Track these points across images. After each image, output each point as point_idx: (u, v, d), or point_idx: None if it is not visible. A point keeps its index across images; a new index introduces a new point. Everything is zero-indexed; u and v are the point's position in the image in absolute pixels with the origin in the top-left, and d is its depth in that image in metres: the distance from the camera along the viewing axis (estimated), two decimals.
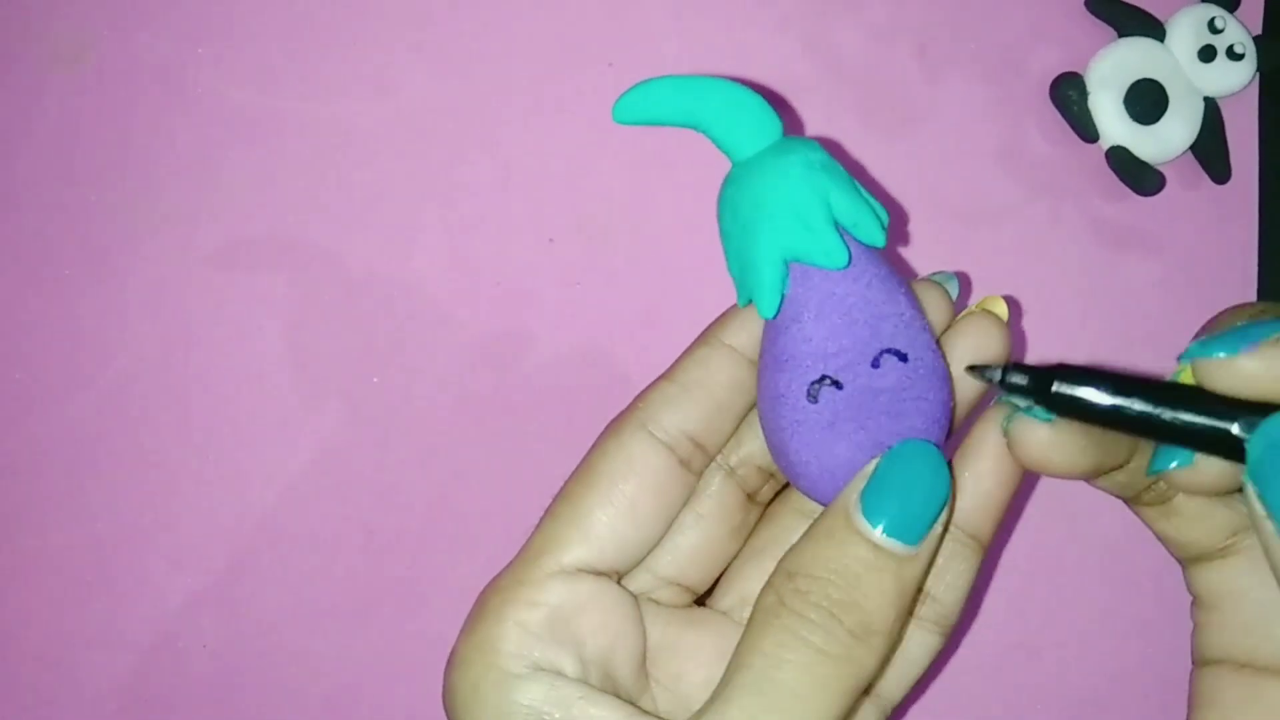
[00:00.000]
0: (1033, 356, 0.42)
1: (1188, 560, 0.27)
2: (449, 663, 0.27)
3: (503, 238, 0.41)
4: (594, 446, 0.28)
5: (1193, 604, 0.28)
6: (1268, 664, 0.26)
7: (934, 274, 0.30)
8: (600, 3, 0.42)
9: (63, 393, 0.39)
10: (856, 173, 0.29)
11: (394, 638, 0.39)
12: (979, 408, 0.29)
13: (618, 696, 0.26)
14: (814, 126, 0.42)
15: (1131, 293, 0.42)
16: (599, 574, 0.27)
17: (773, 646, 0.24)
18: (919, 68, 0.43)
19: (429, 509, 0.40)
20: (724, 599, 0.30)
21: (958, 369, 0.28)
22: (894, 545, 0.25)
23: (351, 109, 0.41)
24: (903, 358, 0.27)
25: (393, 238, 0.40)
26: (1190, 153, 0.43)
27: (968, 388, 0.28)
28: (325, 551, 0.39)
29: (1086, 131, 0.42)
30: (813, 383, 0.26)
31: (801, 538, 0.26)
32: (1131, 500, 0.28)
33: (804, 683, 0.24)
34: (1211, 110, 0.43)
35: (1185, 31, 0.42)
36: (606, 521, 0.27)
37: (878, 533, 0.25)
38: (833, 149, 0.27)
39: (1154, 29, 0.43)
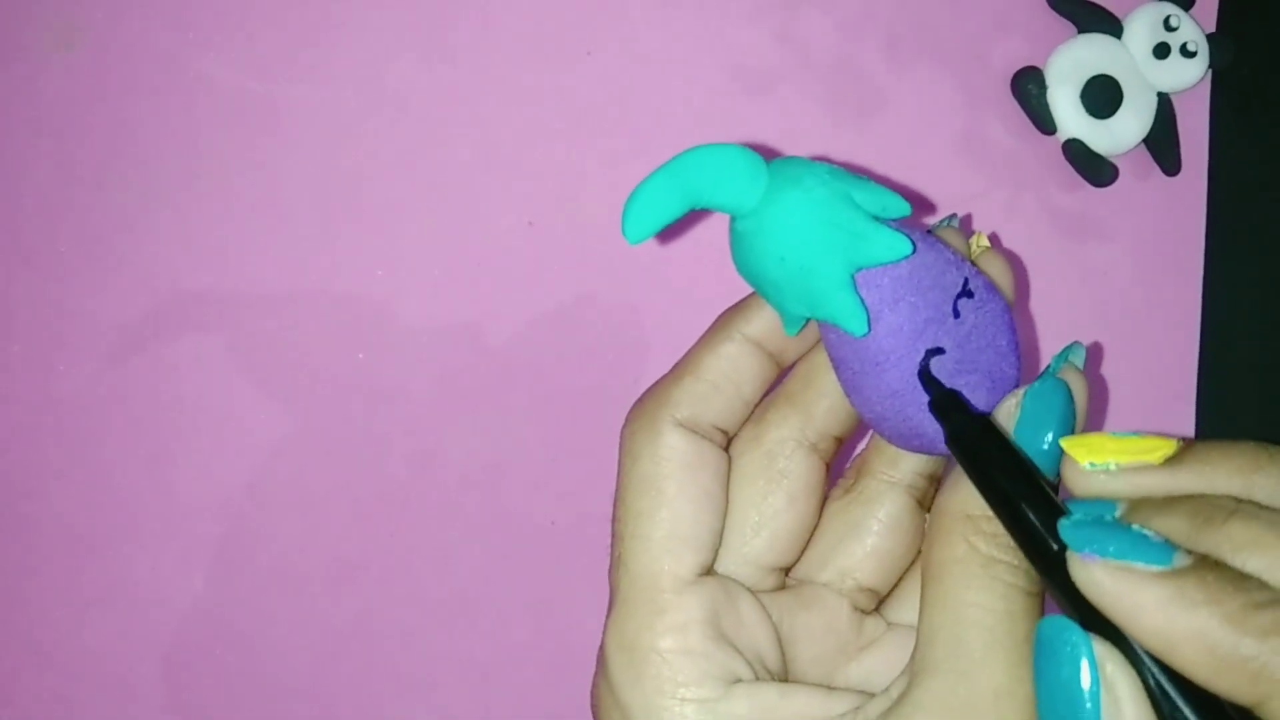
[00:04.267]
0: None
1: None
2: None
3: (483, 220, 0.42)
4: (636, 455, 0.28)
5: None
6: None
7: (941, 221, 0.31)
8: None
9: (72, 353, 0.40)
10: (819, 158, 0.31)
11: (382, 603, 0.41)
12: None
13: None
14: (782, 116, 0.43)
15: (1085, 278, 0.44)
16: (712, 574, 0.28)
17: (980, 597, 0.24)
18: (885, 60, 0.44)
19: (410, 487, 0.41)
20: (822, 573, 0.30)
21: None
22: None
23: (336, 93, 0.42)
24: (970, 294, 0.27)
25: (374, 220, 0.41)
26: (1143, 146, 0.44)
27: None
28: (313, 521, 0.41)
29: (1045, 124, 0.44)
30: (920, 364, 0.27)
31: (961, 480, 0.26)
32: None
33: (1019, 629, 0.24)
34: (1164, 105, 0.44)
35: (1141, 29, 0.44)
36: (692, 519, 0.27)
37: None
38: (803, 151, 0.28)
39: (1112, 26, 0.44)
